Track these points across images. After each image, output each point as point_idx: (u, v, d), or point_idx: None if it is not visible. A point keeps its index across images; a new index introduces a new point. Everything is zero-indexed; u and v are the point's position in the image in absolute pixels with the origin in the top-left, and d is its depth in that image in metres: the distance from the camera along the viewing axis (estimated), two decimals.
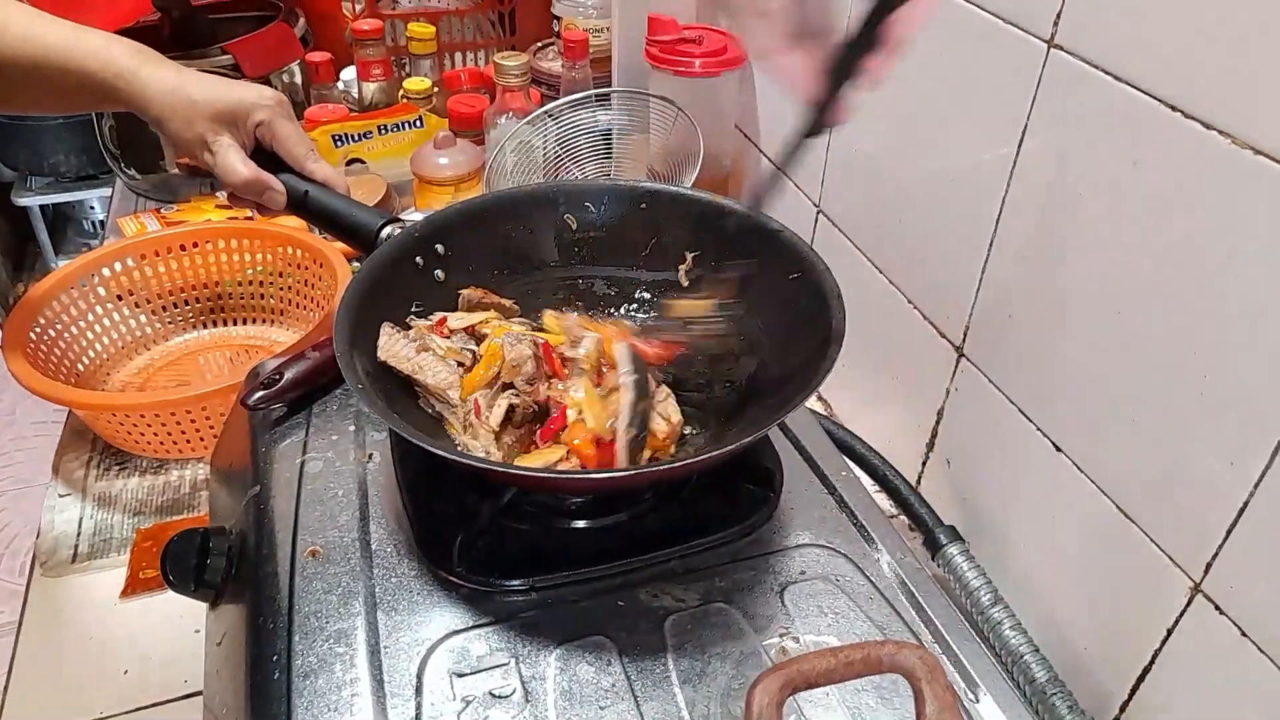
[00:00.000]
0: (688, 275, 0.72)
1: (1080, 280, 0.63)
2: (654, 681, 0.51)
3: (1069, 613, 0.69)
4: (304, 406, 0.69)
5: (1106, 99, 0.58)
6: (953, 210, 0.75)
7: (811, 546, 0.60)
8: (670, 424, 0.62)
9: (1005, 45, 0.65)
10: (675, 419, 0.63)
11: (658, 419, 0.62)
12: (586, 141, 1.12)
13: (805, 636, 0.54)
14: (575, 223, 0.73)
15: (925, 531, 0.79)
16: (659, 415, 0.63)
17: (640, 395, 0.61)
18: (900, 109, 0.80)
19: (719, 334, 0.66)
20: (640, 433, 0.60)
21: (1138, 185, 0.57)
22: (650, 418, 0.62)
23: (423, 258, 0.68)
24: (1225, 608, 0.55)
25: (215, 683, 0.60)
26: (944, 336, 0.78)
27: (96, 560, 0.80)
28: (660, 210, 0.72)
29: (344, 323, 0.58)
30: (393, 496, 0.62)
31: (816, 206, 0.96)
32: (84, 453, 0.91)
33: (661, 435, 0.61)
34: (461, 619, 0.54)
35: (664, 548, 0.58)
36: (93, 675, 0.71)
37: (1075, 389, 0.65)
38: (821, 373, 0.54)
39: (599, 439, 0.60)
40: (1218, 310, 0.53)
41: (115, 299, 1.00)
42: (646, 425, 0.61)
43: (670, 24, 1.04)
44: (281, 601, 0.55)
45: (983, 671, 0.54)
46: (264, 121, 0.74)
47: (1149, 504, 0.60)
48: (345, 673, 0.51)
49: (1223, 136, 0.51)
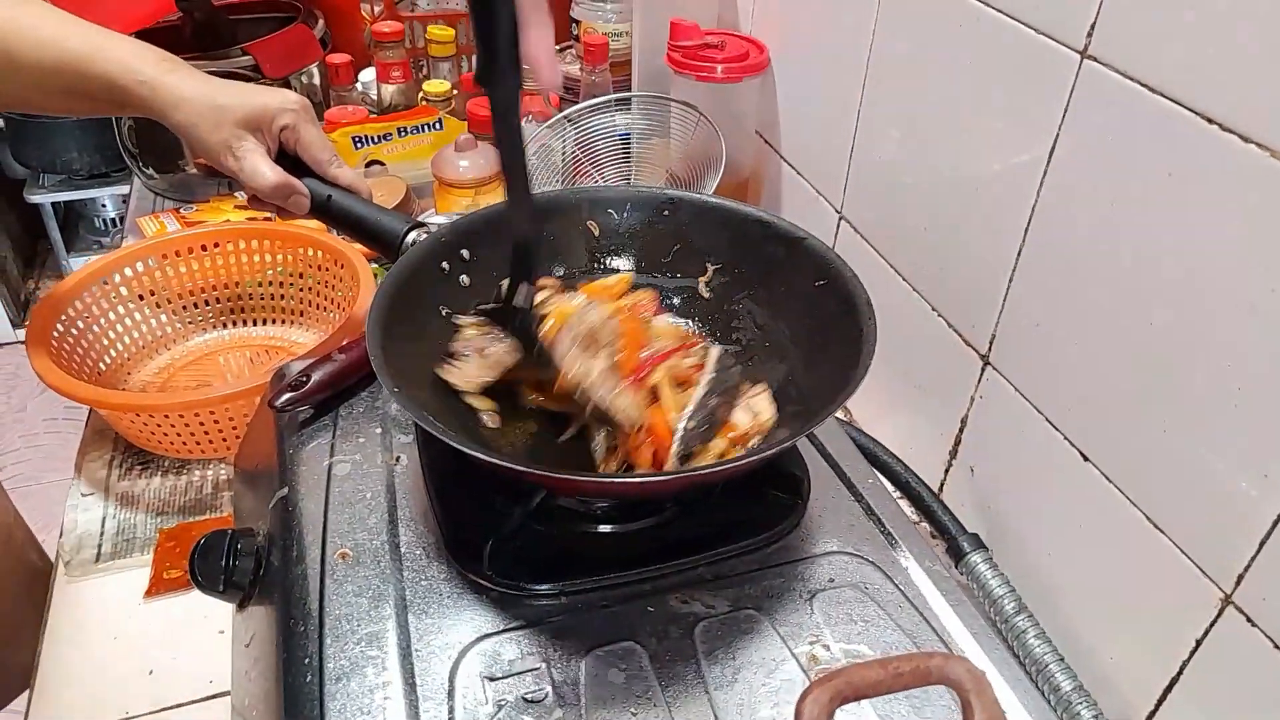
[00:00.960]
0: (708, 287, 0.72)
1: (1111, 291, 0.63)
2: (685, 688, 0.51)
3: (1095, 622, 0.69)
4: (331, 409, 0.69)
5: (1141, 111, 0.58)
6: (980, 218, 0.75)
7: (840, 554, 0.60)
8: (758, 420, 0.62)
9: (1038, 56, 0.65)
10: (764, 416, 0.63)
11: (741, 412, 0.62)
12: (605, 146, 1.13)
13: (835, 645, 0.54)
14: (598, 228, 0.73)
15: (948, 539, 0.79)
16: (748, 408, 0.63)
17: (711, 391, 0.61)
18: (928, 116, 0.80)
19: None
20: (701, 426, 0.60)
21: (1172, 197, 0.57)
22: (724, 412, 0.61)
23: (448, 263, 0.68)
24: (1257, 619, 0.55)
25: (244, 684, 0.60)
26: (970, 345, 0.78)
27: (120, 560, 0.80)
28: (682, 217, 0.72)
29: (376, 328, 0.58)
30: (421, 499, 0.62)
31: (839, 213, 0.96)
32: (106, 452, 0.91)
33: (743, 428, 0.61)
34: (492, 622, 0.54)
35: (693, 554, 0.59)
36: (118, 675, 0.72)
37: (1104, 398, 0.65)
38: (854, 381, 0.55)
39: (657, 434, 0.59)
40: (1251, 322, 0.53)
41: (137, 299, 1.00)
42: (714, 420, 0.60)
43: (693, 29, 1.04)
44: (312, 604, 0.55)
45: (1012, 680, 0.54)
46: (289, 126, 0.74)
47: (1179, 515, 0.60)
48: (377, 676, 0.51)
49: (1261, 150, 0.51)
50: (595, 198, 0.74)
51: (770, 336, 0.68)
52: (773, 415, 0.63)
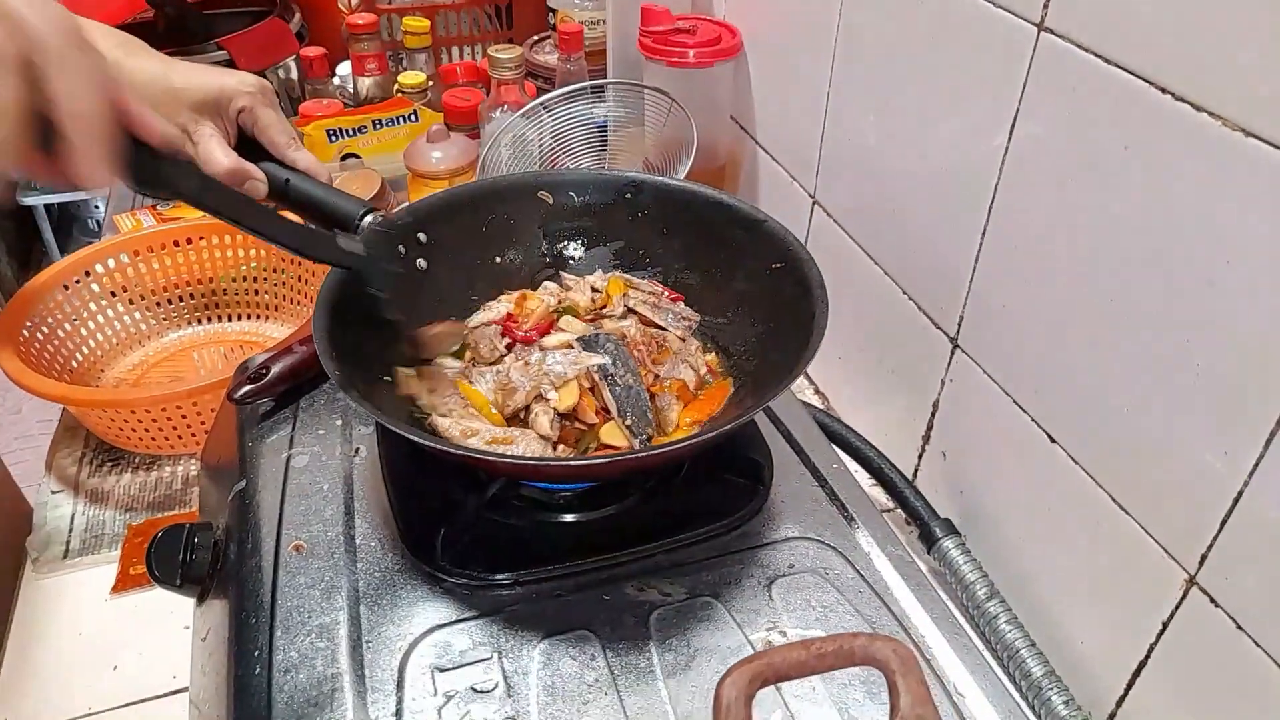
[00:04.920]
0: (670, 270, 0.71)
1: (1072, 268, 0.62)
2: (638, 676, 0.51)
3: (1065, 606, 0.68)
4: (291, 401, 0.69)
5: (1097, 83, 0.57)
6: (946, 200, 0.74)
7: (801, 540, 0.59)
8: (697, 373, 0.63)
9: (996, 30, 0.64)
10: (703, 370, 0.64)
11: (685, 368, 0.63)
12: (582, 134, 1.12)
13: (792, 630, 0.54)
14: (560, 210, 0.73)
15: (921, 525, 0.78)
16: (688, 365, 0.63)
17: (612, 378, 0.61)
18: (893, 98, 0.79)
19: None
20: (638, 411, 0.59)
21: (1129, 170, 0.56)
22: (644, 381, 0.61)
23: (405, 246, 0.67)
24: (1220, 600, 0.55)
25: (200, 678, 0.60)
26: (939, 327, 0.77)
27: (88, 556, 0.80)
28: (644, 200, 0.72)
29: (323, 311, 0.58)
30: (378, 491, 0.61)
31: (813, 198, 0.95)
32: (77, 449, 0.91)
33: (692, 385, 0.63)
34: (445, 613, 0.54)
35: (651, 541, 0.58)
36: (82, 670, 0.71)
37: (1068, 379, 0.64)
38: (803, 361, 0.54)
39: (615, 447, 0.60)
40: (1211, 298, 0.52)
41: (109, 295, 0.99)
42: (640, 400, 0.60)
43: (664, 14, 1.03)
44: (264, 596, 0.55)
45: (972, 665, 0.53)
46: (246, 108, 0.73)
47: (1143, 496, 0.59)
48: (327, 667, 0.51)
49: (1214, 119, 0.50)
50: (556, 179, 0.74)
51: (731, 319, 0.67)
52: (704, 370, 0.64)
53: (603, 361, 0.62)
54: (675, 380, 0.62)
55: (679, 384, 0.62)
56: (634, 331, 0.65)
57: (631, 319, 0.67)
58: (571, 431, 0.61)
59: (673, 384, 0.62)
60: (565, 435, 0.61)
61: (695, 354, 0.64)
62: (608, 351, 0.62)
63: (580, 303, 0.69)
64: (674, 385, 0.62)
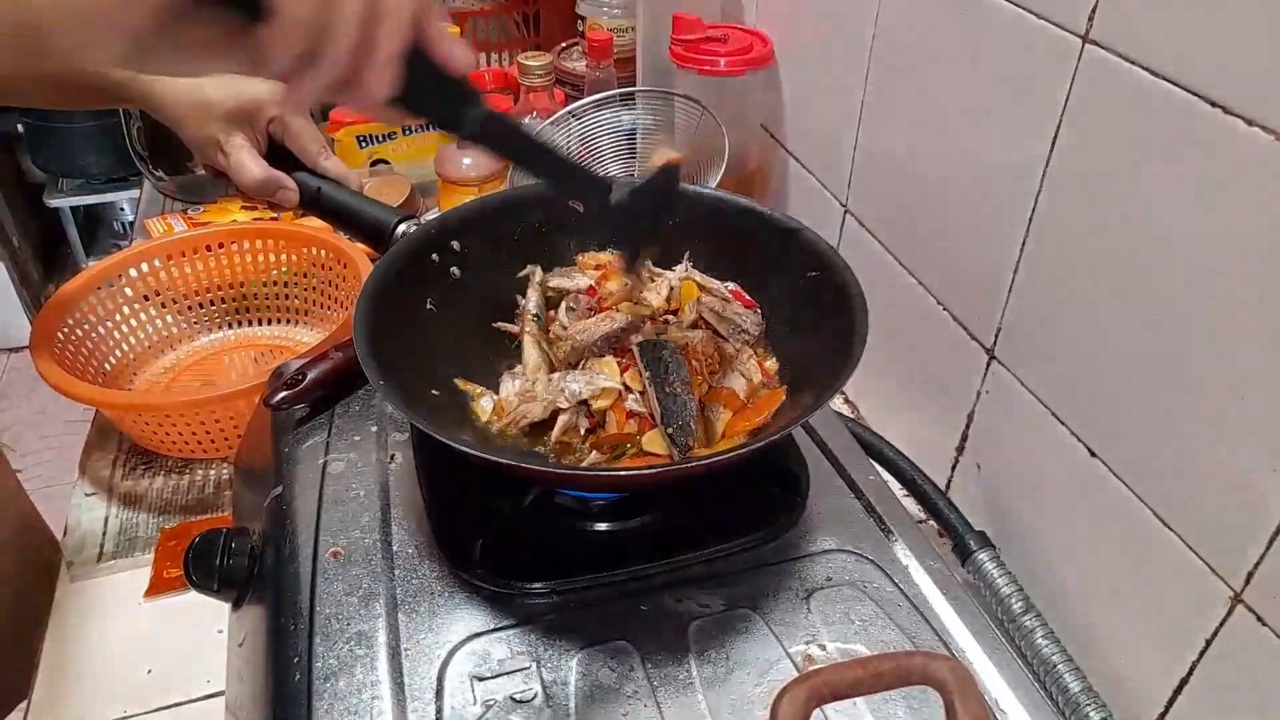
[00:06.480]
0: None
1: (1116, 281, 0.61)
2: (677, 687, 0.51)
3: (1103, 621, 0.68)
4: (327, 407, 0.69)
5: (1144, 95, 0.56)
6: (984, 210, 0.73)
7: (838, 552, 0.59)
8: (750, 381, 0.63)
9: (1039, 41, 0.64)
10: (756, 379, 0.63)
11: (736, 376, 0.62)
12: (610, 142, 1.12)
13: (832, 644, 0.53)
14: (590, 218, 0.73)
15: (955, 537, 0.77)
16: (739, 374, 0.63)
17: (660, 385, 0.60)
18: (930, 107, 0.78)
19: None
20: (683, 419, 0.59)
21: (1177, 183, 0.55)
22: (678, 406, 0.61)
23: (439, 254, 0.67)
24: (1267, 618, 0.54)
25: (237, 684, 0.60)
26: (975, 339, 0.77)
27: (122, 559, 0.81)
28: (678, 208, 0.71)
29: (363, 320, 0.58)
30: (414, 498, 0.61)
31: (844, 206, 0.95)
32: (110, 452, 0.91)
33: (744, 394, 0.62)
34: (483, 621, 0.54)
35: (688, 552, 0.58)
36: (117, 674, 0.72)
37: (1111, 393, 0.63)
38: (845, 373, 0.53)
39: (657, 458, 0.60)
40: (1261, 312, 0.51)
41: (142, 299, 1.00)
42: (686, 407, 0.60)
43: (695, 22, 1.03)
44: (303, 603, 0.55)
45: (1013, 681, 0.53)
46: (276, 118, 0.74)
47: (1188, 511, 0.59)
48: (366, 675, 0.51)
49: (1265, 133, 0.49)
50: None
51: (767, 329, 0.67)
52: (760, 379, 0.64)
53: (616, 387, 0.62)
54: (724, 389, 0.62)
55: (728, 392, 0.61)
56: (698, 342, 0.64)
57: (700, 331, 0.66)
58: (607, 440, 0.61)
59: (724, 392, 0.62)
60: (599, 444, 0.61)
61: (748, 362, 0.64)
62: (666, 363, 0.62)
63: (654, 302, 0.68)
64: (724, 393, 0.62)
